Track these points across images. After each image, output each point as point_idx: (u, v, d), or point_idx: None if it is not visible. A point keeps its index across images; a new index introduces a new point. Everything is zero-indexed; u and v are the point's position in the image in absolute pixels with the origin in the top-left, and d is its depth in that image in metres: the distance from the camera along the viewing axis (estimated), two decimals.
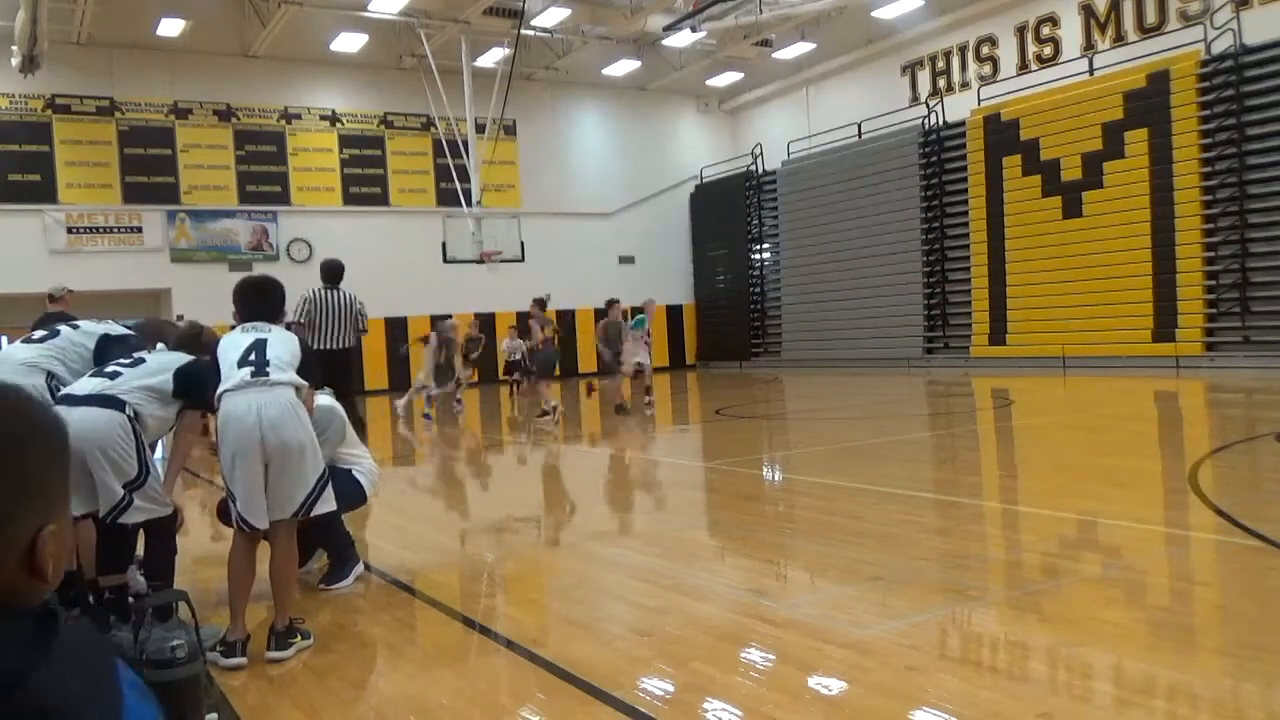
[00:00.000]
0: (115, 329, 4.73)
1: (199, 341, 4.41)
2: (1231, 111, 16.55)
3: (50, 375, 4.35)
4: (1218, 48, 16.84)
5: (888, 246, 22.20)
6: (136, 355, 4.28)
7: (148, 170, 20.94)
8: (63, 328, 4.71)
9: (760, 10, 20.15)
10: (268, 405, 3.82)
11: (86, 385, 4.04)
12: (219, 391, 3.92)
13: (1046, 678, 3.49)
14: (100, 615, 3.97)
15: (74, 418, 3.88)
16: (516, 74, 20.58)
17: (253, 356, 3.93)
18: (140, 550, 4.35)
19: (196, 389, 4.17)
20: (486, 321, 24.34)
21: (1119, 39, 18.68)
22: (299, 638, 4.06)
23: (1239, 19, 16.59)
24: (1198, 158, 16.95)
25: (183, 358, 4.30)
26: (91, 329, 4.68)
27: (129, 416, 3.94)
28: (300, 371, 4.06)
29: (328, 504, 4.04)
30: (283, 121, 22.42)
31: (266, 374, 3.88)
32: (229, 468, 3.87)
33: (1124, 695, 3.28)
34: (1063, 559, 5.28)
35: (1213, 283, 16.88)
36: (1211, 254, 16.89)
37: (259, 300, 4.28)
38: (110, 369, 4.14)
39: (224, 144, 21.78)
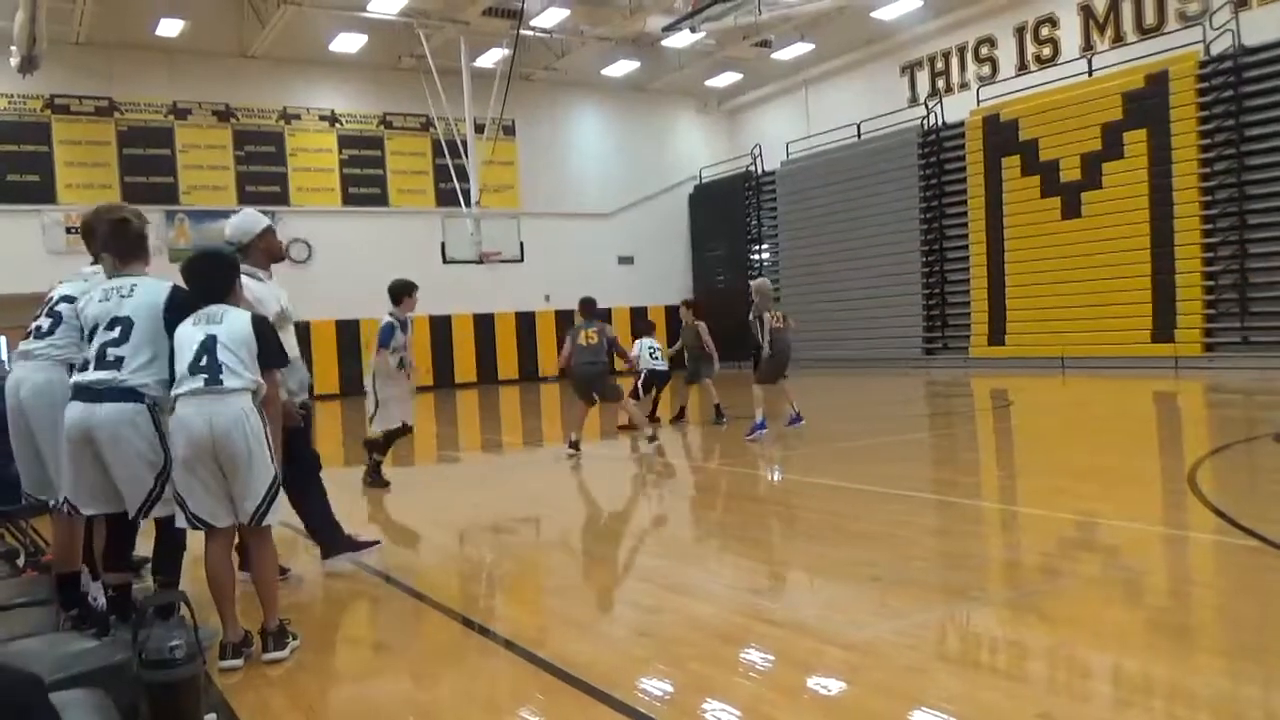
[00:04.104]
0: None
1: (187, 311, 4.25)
2: (1230, 112, 16.55)
3: (70, 366, 4.27)
4: (1217, 48, 16.84)
5: (887, 247, 22.20)
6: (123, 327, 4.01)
7: (147, 170, 20.93)
8: (61, 308, 4.49)
9: (759, 11, 20.14)
10: (219, 415, 3.79)
11: (93, 375, 3.88)
12: (172, 394, 3.87)
13: (1045, 678, 3.50)
14: (102, 615, 3.97)
15: (100, 416, 3.82)
16: (516, 74, 20.57)
17: (204, 361, 3.85)
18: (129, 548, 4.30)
19: None
20: (485, 321, 24.37)
21: (1118, 40, 18.69)
22: (291, 638, 4.06)
23: (1238, 20, 16.59)
24: (1197, 158, 16.94)
25: None
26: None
27: (149, 406, 3.92)
28: (263, 354, 3.97)
29: (276, 515, 4.01)
30: (282, 122, 22.41)
31: (220, 382, 3.83)
32: (178, 471, 3.84)
33: (1123, 695, 3.29)
34: (1062, 560, 5.29)
35: (1212, 283, 16.88)
36: (1210, 254, 16.88)
37: (206, 277, 4.11)
38: (110, 356, 3.91)
39: (223, 144, 21.77)
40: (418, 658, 4.13)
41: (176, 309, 4.01)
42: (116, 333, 3.93)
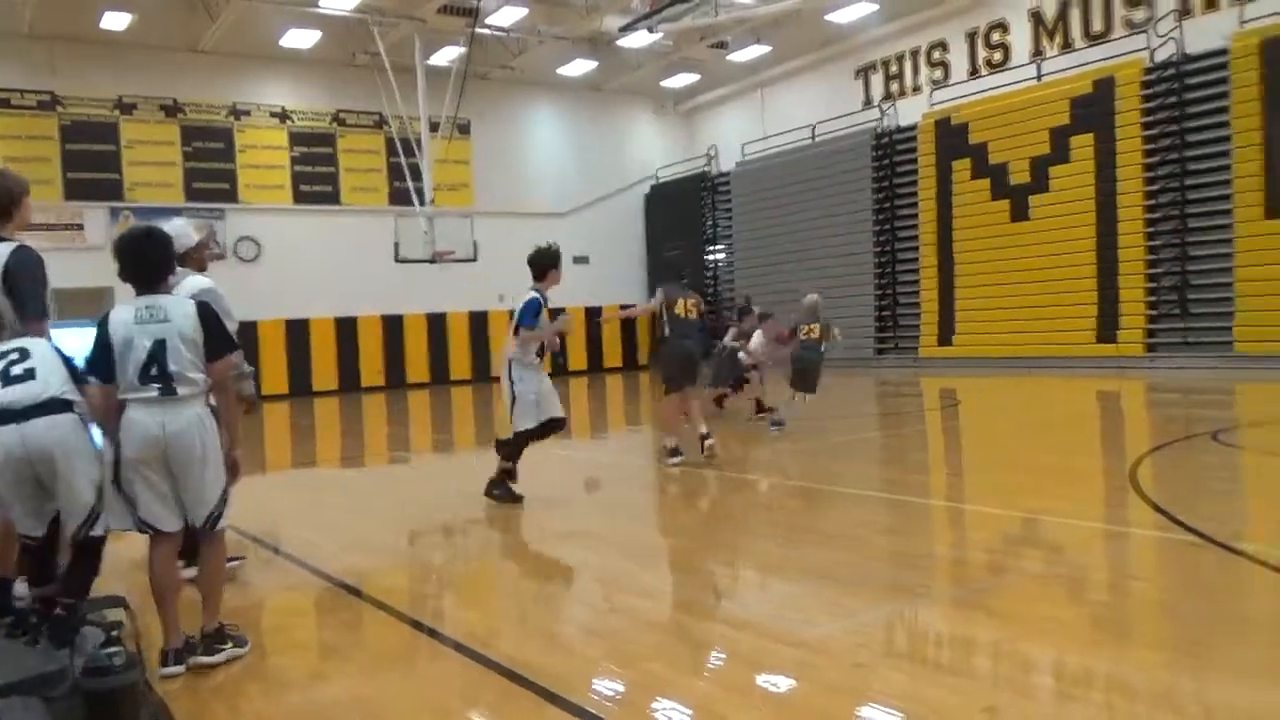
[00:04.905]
0: None
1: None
2: (1174, 118, 16.94)
3: None
4: (1161, 55, 17.24)
5: (840, 248, 22.41)
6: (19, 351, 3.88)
7: (90, 166, 20.45)
8: None
9: (716, 12, 20.22)
10: (173, 420, 3.73)
11: (12, 394, 3.70)
12: (121, 397, 3.76)
13: (991, 673, 3.55)
14: (36, 623, 3.86)
15: (36, 433, 3.66)
16: (471, 73, 20.42)
17: (155, 370, 3.73)
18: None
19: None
20: (438, 321, 24.19)
21: (1066, 46, 19.03)
22: (231, 644, 3.96)
23: (1181, 28, 16.99)
24: (1141, 163, 17.31)
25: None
26: None
27: (80, 416, 3.81)
28: (211, 343, 3.86)
29: (225, 521, 3.95)
30: (231, 118, 22.04)
31: (174, 392, 3.74)
32: (129, 472, 3.75)
33: (1065, 689, 3.35)
34: (1008, 557, 5.38)
35: (1154, 285, 17.27)
36: (1153, 257, 17.28)
37: (145, 259, 3.90)
38: (16, 370, 3.75)
39: (170, 140, 21.35)
40: (366, 662, 4.08)
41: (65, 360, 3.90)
42: (15, 354, 3.80)
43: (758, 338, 12.17)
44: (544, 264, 7.40)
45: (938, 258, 20.59)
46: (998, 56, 20.31)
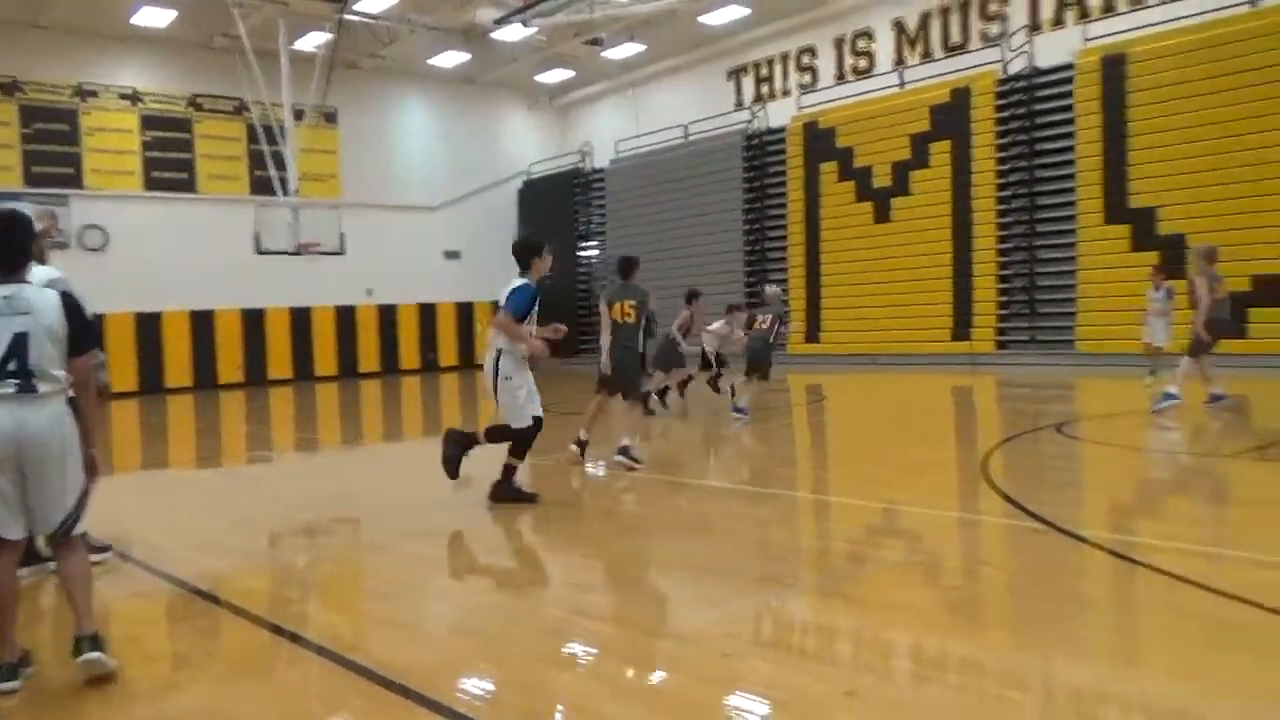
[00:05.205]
0: None
1: None
2: (1024, 127, 17.91)
3: None
4: (1014, 68, 18.18)
5: (711, 246, 22.76)
6: None
7: None
8: None
9: (591, 9, 20.22)
10: (32, 417, 3.50)
11: None
12: None
13: (852, 658, 3.67)
14: None
15: None
16: (339, 60, 19.82)
17: (13, 365, 3.49)
18: None
19: None
20: (302, 315, 23.40)
21: (927, 55, 19.85)
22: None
23: (1032, 42, 17.96)
24: (994, 170, 18.24)
25: None
26: None
27: None
28: (75, 337, 3.64)
29: (83, 524, 3.73)
30: (76, 98, 20.74)
31: (34, 389, 3.51)
32: None
33: (921, 671, 3.49)
34: (868, 546, 5.57)
35: (1005, 286, 18.22)
36: (1005, 259, 18.23)
37: (3, 243, 3.65)
38: None
39: (6, 120, 19.94)
40: (222, 670, 3.90)
41: None
42: None
43: (720, 327, 12.77)
44: (527, 254, 7.04)
45: (805, 257, 21.15)
46: (863, 63, 21.00)
